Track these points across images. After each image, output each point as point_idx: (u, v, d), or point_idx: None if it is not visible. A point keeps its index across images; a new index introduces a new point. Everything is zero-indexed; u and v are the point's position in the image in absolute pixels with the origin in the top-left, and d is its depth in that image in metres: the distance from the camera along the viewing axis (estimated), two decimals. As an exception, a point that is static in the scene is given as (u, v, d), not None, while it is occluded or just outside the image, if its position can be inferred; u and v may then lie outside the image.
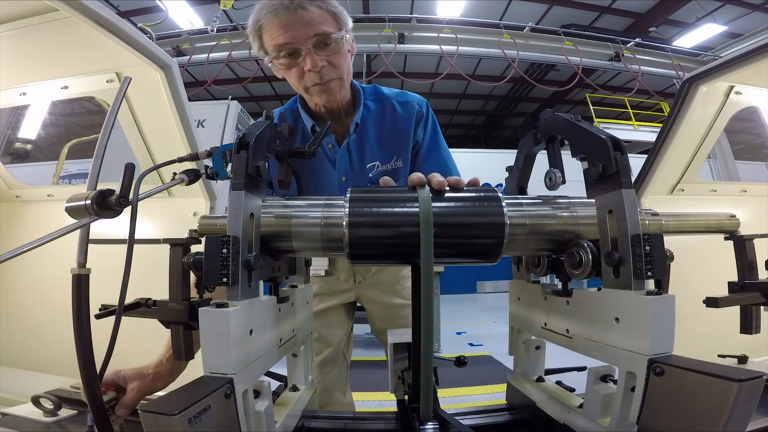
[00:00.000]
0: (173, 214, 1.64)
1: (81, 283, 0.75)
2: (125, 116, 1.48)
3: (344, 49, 1.13)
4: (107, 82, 1.40)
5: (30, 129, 2.00)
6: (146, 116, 1.48)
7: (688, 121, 1.57)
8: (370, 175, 1.27)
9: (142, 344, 1.30)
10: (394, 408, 1.02)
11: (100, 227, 0.92)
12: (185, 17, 7.58)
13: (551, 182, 0.90)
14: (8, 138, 2.18)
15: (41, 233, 0.65)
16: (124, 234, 0.75)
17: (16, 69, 1.43)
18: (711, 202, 1.83)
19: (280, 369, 1.06)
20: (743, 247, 0.98)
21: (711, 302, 0.97)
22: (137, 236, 0.75)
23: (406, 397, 0.92)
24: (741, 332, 1.00)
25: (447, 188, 0.85)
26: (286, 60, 1.10)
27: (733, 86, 1.57)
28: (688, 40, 8.64)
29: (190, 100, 1.44)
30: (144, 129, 1.50)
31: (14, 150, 2.22)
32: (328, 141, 1.26)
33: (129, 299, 0.79)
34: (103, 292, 0.82)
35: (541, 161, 1.01)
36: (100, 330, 0.76)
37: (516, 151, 1.07)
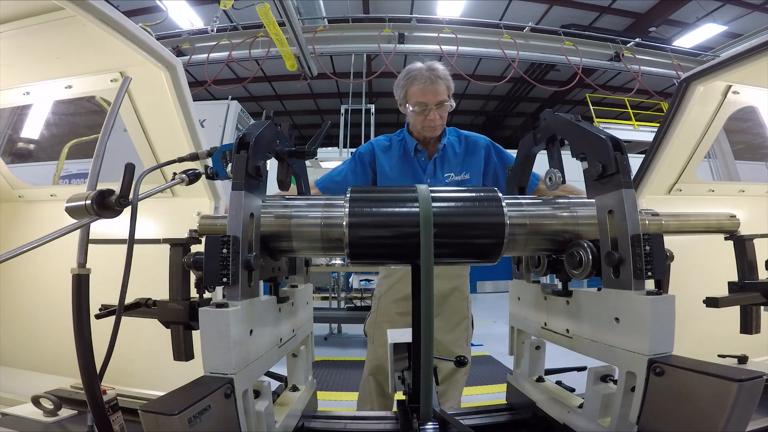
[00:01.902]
0: (177, 214, 1.64)
1: (81, 283, 0.75)
2: (129, 116, 1.47)
3: (450, 108, 1.74)
4: (111, 81, 1.38)
5: (32, 129, 1.97)
6: (150, 116, 1.47)
7: (685, 121, 1.55)
8: (447, 181, 1.75)
9: (142, 344, 1.30)
10: (393, 408, 1.02)
11: (102, 227, 0.92)
12: (185, 17, 7.58)
13: (551, 182, 0.89)
14: (9, 138, 2.16)
15: (44, 233, 0.65)
16: (128, 234, 0.75)
17: (20, 68, 1.42)
18: (709, 202, 1.81)
19: (281, 369, 1.06)
20: (743, 247, 0.98)
21: (711, 302, 0.97)
22: (141, 236, 0.75)
23: (406, 397, 0.92)
24: (741, 332, 1.00)
25: (447, 189, 0.86)
26: (419, 110, 1.68)
27: (730, 86, 1.55)
28: (688, 40, 8.64)
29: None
30: (148, 129, 1.49)
31: (17, 150, 2.20)
32: (422, 155, 1.79)
33: (129, 299, 0.79)
34: (103, 292, 0.82)
35: (542, 161, 1.01)
36: (100, 330, 0.76)
37: (516, 151, 1.07)
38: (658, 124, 1.75)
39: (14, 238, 1.74)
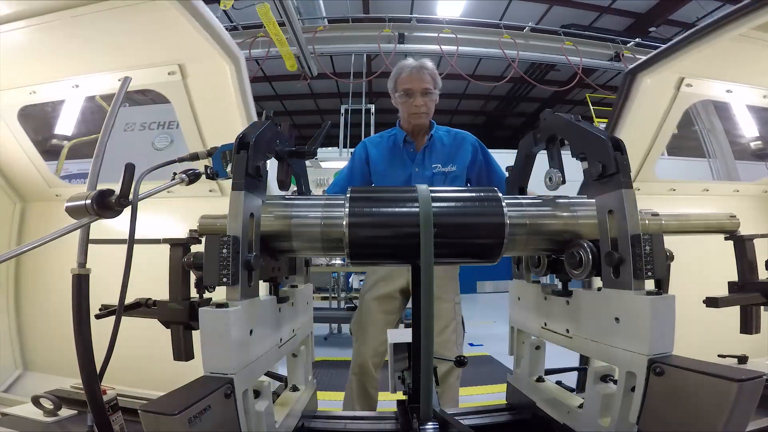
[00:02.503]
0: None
1: (81, 283, 0.74)
2: (183, 110, 1.42)
3: (434, 99, 1.88)
4: (168, 74, 1.35)
5: (66, 125, 1.90)
6: (207, 111, 1.43)
7: (636, 116, 1.50)
8: (434, 171, 1.85)
9: (142, 344, 1.30)
10: (393, 408, 1.02)
11: (108, 226, 0.91)
12: (185, 17, 7.60)
13: (551, 182, 0.89)
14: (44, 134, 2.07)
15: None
16: (128, 234, 0.75)
17: (70, 60, 1.37)
18: (670, 202, 1.76)
19: (280, 369, 1.06)
20: (743, 247, 0.98)
21: (711, 302, 0.97)
22: (151, 236, 0.76)
23: (406, 397, 0.92)
24: (741, 332, 1.00)
25: (447, 188, 0.86)
26: (406, 96, 1.83)
27: (683, 78, 1.50)
28: (688, 40, 8.66)
29: (189, 99, 1.43)
30: (203, 124, 1.45)
31: (51, 147, 2.14)
32: (411, 146, 1.90)
33: (129, 299, 0.79)
34: (103, 292, 0.82)
35: (542, 161, 1.01)
36: (101, 330, 0.76)
37: (516, 151, 1.07)
38: None
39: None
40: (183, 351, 0.77)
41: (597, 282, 0.78)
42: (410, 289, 1.82)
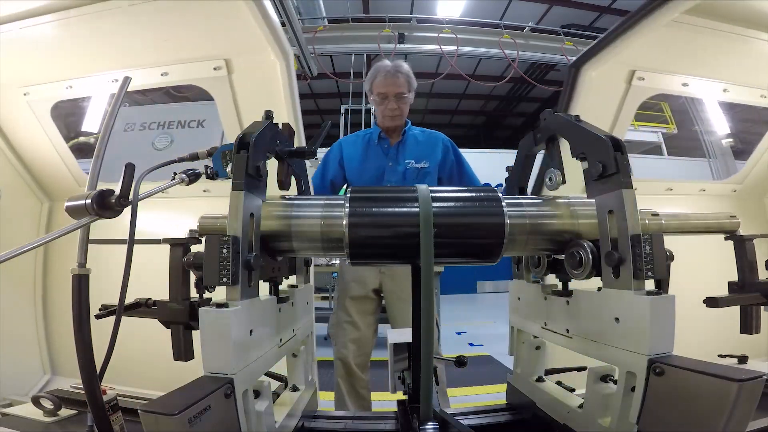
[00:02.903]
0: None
1: (81, 283, 0.74)
2: (226, 106, 1.38)
3: (408, 102, 1.95)
4: (214, 69, 1.31)
5: (93, 121, 1.83)
6: (252, 107, 1.39)
7: (586, 112, 1.40)
8: (407, 167, 1.92)
9: (143, 344, 1.29)
10: (393, 408, 1.02)
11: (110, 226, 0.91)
12: (185, 17, 7.60)
13: (551, 182, 0.89)
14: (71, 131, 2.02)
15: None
16: (128, 234, 0.75)
17: (110, 54, 1.33)
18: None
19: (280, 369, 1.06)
20: (743, 247, 0.98)
21: (711, 302, 0.97)
22: (161, 235, 0.76)
23: (406, 397, 0.92)
24: (741, 332, 1.00)
25: (447, 188, 0.86)
26: (380, 99, 1.90)
27: (634, 71, 1.45)
28: (688, 40, 8.66)
29: (189, 99, 1.43)
30: (245, 121, 1.41)
31: (79, 144, 2.10)
32: (386, 143, 1.98)
33: (129, 299, 0.79)
34: (105, 293, 0.82)
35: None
36: (101, 330, 0.76)
37: (516, 151, 1.07)
38: (658, 124, 1.73)
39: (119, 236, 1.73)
40: (183, 351, 0.77)
41: (597, 282, 0.78)
42: (382, 289, 1.87)
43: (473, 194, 0.88)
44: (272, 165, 0.90)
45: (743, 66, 1.51)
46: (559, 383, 1.04)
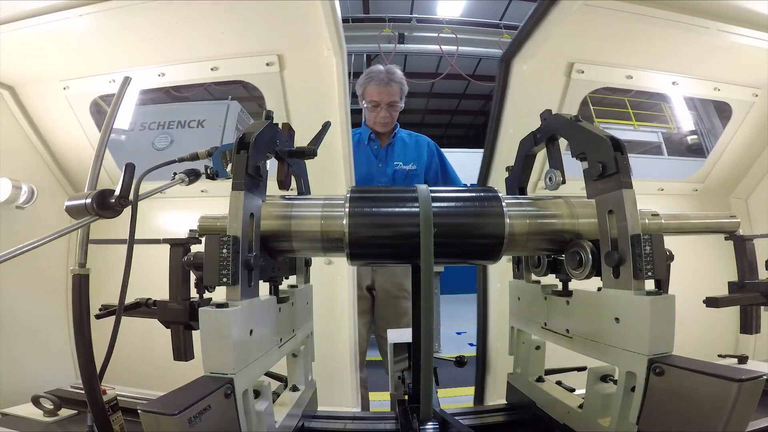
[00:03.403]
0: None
1: (81, 283, 0.74)
2: (276, 103, 1.34)
3: (399, 109, 2.00)
4: (267, 65, 1.28)
5: (123, 118, 1.81)
6: (301, 105, 1.36)
7: (522, 108, 1.38)
8: (395, 168, 1.98)
9: (143, 344, 1.29)
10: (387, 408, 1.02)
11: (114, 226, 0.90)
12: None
13: (551, 182, 0.89)
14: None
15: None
16: (128, 234, 0.75)
17: (158, 46, 1.29)
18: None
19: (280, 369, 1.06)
20: (743, 247, 0.98)
21: (711, 302, 0.97)
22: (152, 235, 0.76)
23: (406, 397, 0.92)
24: (741, 332, 1.00)
25: (447, 188, 0.86)
26: (372, 107, 1.96)
27: (573, 63, 1.40)
28: (688, 40, 8.64)
29: (188, 100, 1.42)
30: (294, 118, 1.38)
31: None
32: (375, 144, 2.05)
33: (129, 299, 0.79)
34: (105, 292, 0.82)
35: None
36: (101, 330, 0.76)
37: (516, 151, 1.07)
38: (658, 124, 1.72)
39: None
40: (183, 351, 0.77)
41: (597, 282, 0.78)
42: (374, 286, 1.88)
43: (473, 194, 0.88)
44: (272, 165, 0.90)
45: (693, 57, 1.45)
46: (559, 383, 1.04)
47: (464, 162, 2.55)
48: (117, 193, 0.69)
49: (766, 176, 1.80)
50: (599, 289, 0.77)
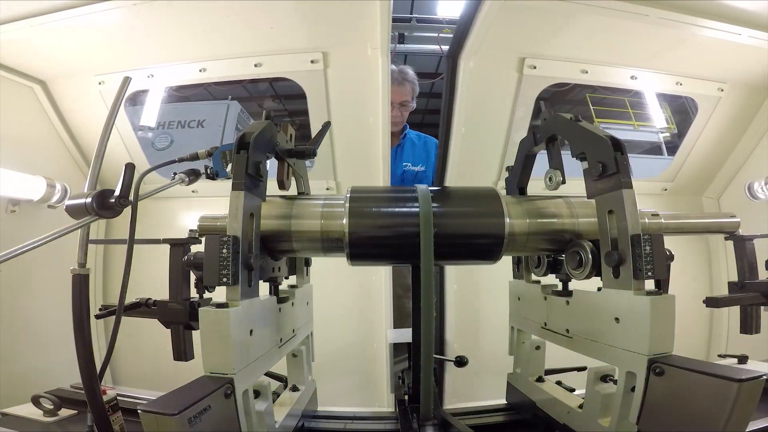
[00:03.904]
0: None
1: (81, 283, 0.74)
2: (318, 101, 1.33)
3: (411, 109, 2.04)
4: (311, 62, 1.26)
5: (150, 116, 1.75)
6: (343, 103, 1.36)
7: (473, 106, 1.36)
8: (404, 169, 2.00)
9: (142, 344, 1.29)
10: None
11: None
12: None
13: (551, 182, 0.89)
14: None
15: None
16: (128, 234, 0.75)
17: (202, 40, 1.26)
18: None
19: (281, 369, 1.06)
20: (743, 247, 0.98)
21: (711, 302, 0.97)
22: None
23: (407, 397, 0.92)
24: (741, 332, 0.99)
25: (447, 188, 0.86)
26: None
27: (524, 59, 1.36)
28: (688, 40, 8.64)
29: (189, 100, 1.41)
30: (334, 117, 1.36)
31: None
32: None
33: (129, 299, 0.79)
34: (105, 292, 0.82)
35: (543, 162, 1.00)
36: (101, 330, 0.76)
37: (516, 150, 1.07)
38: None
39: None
40: (183, 351, 0.77)
41: (597, 282, 0.78)
42: None
43: (473, 194, 0.88)
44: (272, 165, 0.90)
45: (652, 50, 1.41)
46: (559, 383, 1.04)
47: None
48: (117, 193, 0.68)
49: (738, 175, 1.77)
50: (599, 289, 0.77)
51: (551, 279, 0.98)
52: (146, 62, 1.39)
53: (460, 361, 1.06)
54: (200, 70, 1.37)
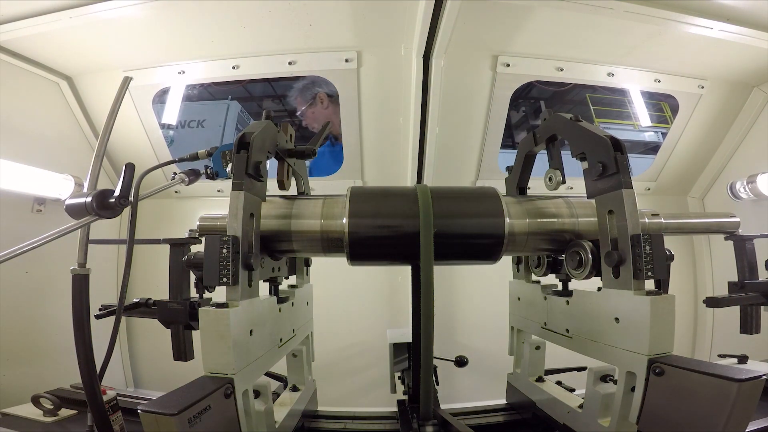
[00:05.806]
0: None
1: (81, 283, 0.74)
2: (350, 100, 1.33)
3: None
4: (345, 61, 1.26)
5: (171, 114, 1.73)
6: (375, 103, 1.35)
7: (443, 104, 1.34)
8: None
9: (143, 344, 1.29)
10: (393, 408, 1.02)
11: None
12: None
13: (551, 182, 0.89)
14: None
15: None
16: (128, 234, 0.75)
17: (234, 37, 1.25)
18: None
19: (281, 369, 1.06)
20: (743, 247, 0.98)
21: (711, 302, 0.97)
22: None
23: (407, 397, 0.92)
24: (741, 332, 1.00)
25: (447, 188, 0.86)
26: None
27: (497, 56, 1.35)
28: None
29: (189, 100, 1.41)
30: (365, 117, 1.36)
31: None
32: None
33: (129, 299, 0.79)
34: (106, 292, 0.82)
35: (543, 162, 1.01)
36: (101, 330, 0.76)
37: (516, 151, 1.07)
38: (658, 124, 1.69)
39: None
40: (183, 351, 0.77)
41: (597, 282, 0.78)
42: None
43: (473, 194, 0.88)
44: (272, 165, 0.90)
45: (630, 47, 1.39)
46: (559, 383, 1.04)
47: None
48: (117, 193, 0.68)
49: (722, 175, 1.75)
50: (599, 289, 0.77)
51: (551, 279, 0.98)
52: (176, 58, 1.37)
53: (460, 361, 1.06)
54: (233, 67, 1.36)
